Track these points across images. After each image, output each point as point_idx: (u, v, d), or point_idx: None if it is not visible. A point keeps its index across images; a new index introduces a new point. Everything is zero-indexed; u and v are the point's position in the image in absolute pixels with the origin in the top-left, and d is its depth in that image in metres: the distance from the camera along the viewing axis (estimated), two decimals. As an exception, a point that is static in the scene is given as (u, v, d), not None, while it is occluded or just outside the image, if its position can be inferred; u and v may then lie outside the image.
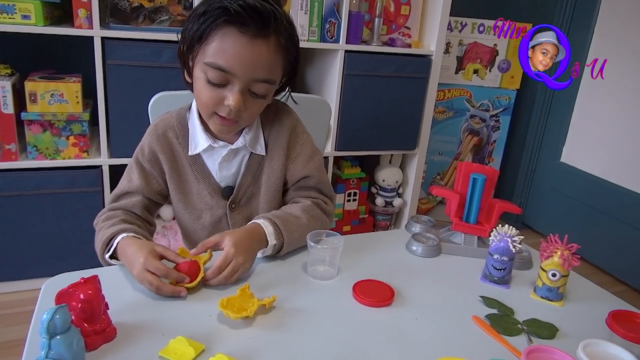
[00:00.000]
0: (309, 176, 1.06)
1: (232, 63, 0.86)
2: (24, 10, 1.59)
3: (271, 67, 0.90)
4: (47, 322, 0.61)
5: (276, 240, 0.93)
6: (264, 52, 0.87)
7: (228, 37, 0.85)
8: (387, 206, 2.43)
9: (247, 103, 0.91)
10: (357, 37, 2.03)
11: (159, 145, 1.00)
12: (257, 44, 0.86)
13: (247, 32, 0.84)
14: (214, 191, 1.03)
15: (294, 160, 1.05)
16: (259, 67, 0.88)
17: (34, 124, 1.68)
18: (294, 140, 1.06)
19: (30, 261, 1.81)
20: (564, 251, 0.87)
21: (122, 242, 0.88)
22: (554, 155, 2.63)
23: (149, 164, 1.01)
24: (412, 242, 1.05)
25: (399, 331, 0.79)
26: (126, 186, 1.01)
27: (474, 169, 1.06)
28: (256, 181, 1.05)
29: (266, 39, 0.86)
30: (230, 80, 0.88)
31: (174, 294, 0.81)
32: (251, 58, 0.86)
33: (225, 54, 0.86)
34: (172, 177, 1.02)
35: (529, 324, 0.82)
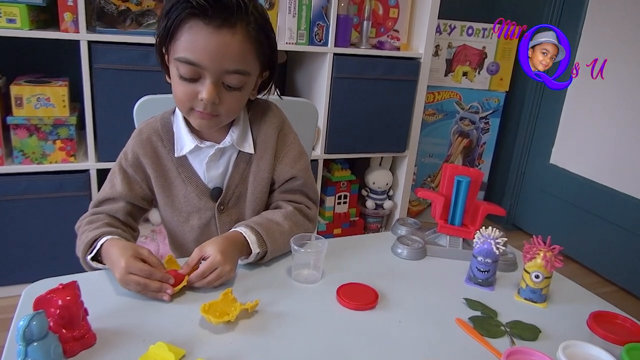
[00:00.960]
0: (296, 177, 1.05)
1: (199, 55, 0.85)
2: (9, 14, 1.58)
3: (241, 57, 0.88)
4: (24, 329, 0.60)
5: (259, 249, 0.92)
6: (231, 41, 0.85)
7: (193, 29, 0.85)
8: (377, 209, 2.43)
9: (222, 96, 0.90)
10: (345, 40, 2.03)
11: (143, 150, 1.00)
12: (223, 33, 0.84)
13: (211, 22, 0.84)
14: (202, 193, 1.03)
15: (281, 160, 1.05)
16: (227, 57, 0.86)
17: (20, 128, 1.67)
18: (282, 140, 1.05)
19: (16, 266, 1.80)
20: (546, 253, 0.87)
21: (106, 244, 0.87)
22: (544, 156, 2.65)
23: (132, 168, 1.00)
24: (398, 245, 1.05)
25: (383, 334, 0.79)
26: (109, 192, 1.00)
27: (459, 171, 1.06)
28: (244, 181, 1.04)
29: (232, 28, 0.85)
30: (201, 74, 0.87)
31: (160, 290, 0.81)
32: (217, 48, 0.85)
33: (192, 47, 0.85)
34: (157, 181, 1.01)
35: (512, 326, 0.82)
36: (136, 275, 0.80)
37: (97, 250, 0.89)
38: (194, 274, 0.84)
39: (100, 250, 0.88)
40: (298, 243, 0.90)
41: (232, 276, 0.89)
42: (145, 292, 0.81)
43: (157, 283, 0.81)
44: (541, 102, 2.65)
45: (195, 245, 0.90)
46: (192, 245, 1.02)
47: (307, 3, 1.93)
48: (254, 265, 0.95)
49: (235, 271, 0.89)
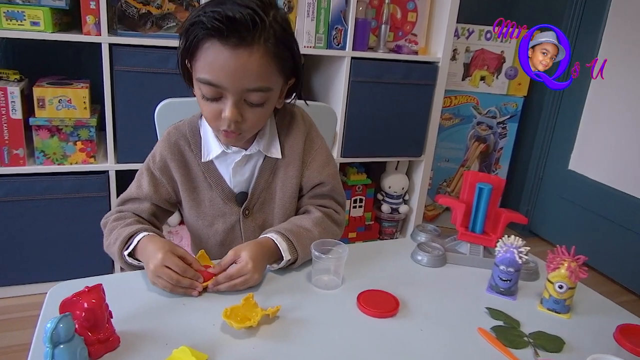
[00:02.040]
0: (324, 182, 1.05)
1: (218, 76, 0.85)
2: (33, 16, 1.60)
3: (261, 74, 0.87)
4: (51, 331, 0.61)
5: (290, 256, 0.93)
6: (249, 60, 0.84)
7: (211, 50, 0.84)
8: (393, 213, 2.42)
9: (245, 114, 0.90)
10: (363, 43, 2.03)
11: (171, 154, 1.00)
12: (240, 53, 0.83)
13: (227, 42, 0.82)
14: (227, 198, 1.03)
15: (308, 166, 1.05)
16: (246, 76, 0.85)
17: (42, 129, 1.69)
18: (309, 145, 1.05)
19: (36, 266, 1.82)
20: (571, 263, 0.86)
21: (144, 240, 0.90)
22: (562, 162, 2.62)
23: (159, 171, 1.01)
24: (418, 252, 1.05)
25: (404, 342, 0.78)
26: (135, 192, 1.02)
27: (480, 178, 1.05)
28: (269, 186, 1.04)
29: (249, 47, 0.83)
30: (223, 94, 0.87)
31: (191, 286, 0.83)
32: (235, 68, 0.84)
33: (211, 68, 0.85)
34: (184, 185, 1.02)
35: (535, 337, 0.81)
36: (170, 269, 0.82)
37: (133, 247, 0.91)
38: (222, 275, 0.86)
39: (137, 247, 0.91)
40: (319, 249, 0.90)
41: (258, 283, 0.89)
42: (175, 288, 0.83)
43: (188, 280, 0.83)
44: (560, 107, 2.62)
45: (219, 249, 0.91)
46: (216, 248, 1.03)
47: (325, 7, 1.93)
48: (275, 270, 0.95)
49: (259, 281, 0.89)
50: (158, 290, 0.86)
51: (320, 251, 0.90)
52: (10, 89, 1.62)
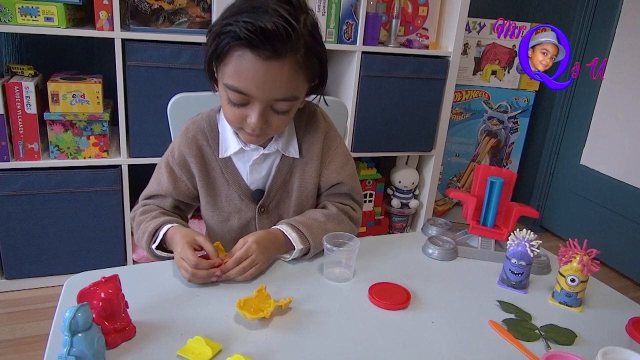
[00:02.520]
0: (343, 182, 1.06)
1: (248, 85, 0.85)
2: (47, 12, 1.62)
3: (290, 85, 0.87)
4: (70, 320, 0.62)
5: (302, 245, 0.94)
6: (280, 72, 0.84)
7: (242, 59, 0.83)
8: (403, 208, 2.42)
9: (270, 119, 0.90)
10: (374, 38, 2.02)
11: (189, 149, 1.01)
12: (272, 65, 0.83)
13: (260, 53, 0.81)
14: (244, 194, 1.03)
15: (327, 165, 1.05)
16: (276, 87, 0.86)
17: (56, 124, 1.72)
18: (328, 145, 1.05)
19: (51, 258, 1.85)
20: (583, 256, 0.86)
21: (170, 232, 0.93)
22: (574, 157, 2.60)
23: (178, 167, 1.02)
24: (429, 245, 1.05)
25: (415, 335, 0.79)
26: (155, 189, 1.03)
27: (492, 172, 1.05)
28: (286, 185, 1.04)
29: (281, 60, 0.83)
30: (250, 101, 0.87)
31: (206, 278, 0.85)
32: (265, 80, 0.84)
33: (241, 77, 0.84)
34: (201, 180, 1.02)
35: (547, 330, 0.81)
36: (185, 263, 0.85)
37: (160, 239, 0.94)
38: (231, 260, 0.87)
39: (165, 239, 0.94)
40: (331, 242, 0.91)
41: (263, 268, 0.91)
42: (193, 279, 0.85)
43: (204, 272, 0.85)
44: (572, 102, 2.60)
45: (233, 245, 0.91)
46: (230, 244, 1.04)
47: (336, 1, 1.93)
48: (288, 261, 0.96)
49: (267, 264, 0.92)
50: (173, 281, 0.87)
51: (332, 244, 0.91)
52: (25, 84, 1.64)
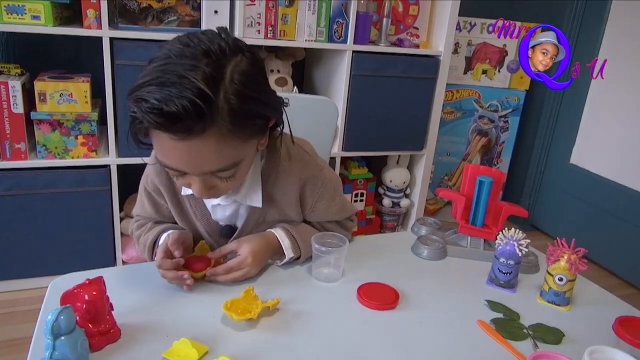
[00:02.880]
0: (335, 220, 1.03)
1: (176, 163, 0.76)
2: (34, 10, 1.60)
3: (222, 156, 0.76)
4: (52, 323, 0.61)
5: (293, 254, 0.93)
6: (204, 149, 0.73)
7: (160, 138, 0.73)
8: (394, 207, 2.42)
9: (217, 184, 0.81)
10: (365, 37, 2.02)
11: (158, 178, 0.95)
12: (193, 143, 0.71)
13: (174, 135, 0.70)
14: (212, 230, 0.98)
15: (314, 207, 0.98)
16: (206, 163, 0.76)
17: (44, 124, 1.70)
18: (310, 188, 0.96)
19: (38, 259, 1.83)
20: (571, 255, 0.86)
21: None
22: (564, 156, 2.61)
23: (154, 193, 0.98)
24: (418, 245, 1.05)
25: (404, 334, 0.78)
26: (141, 212, 1.02)
27: (481, 171, 1.05)
28: (261, 226, 0.98)
29: (199, 137, 0.71)
30: (186, 173, 0.79)
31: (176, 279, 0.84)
32: (189, 157, 0.74)
33: (166, 155, 0.76)
34: (173, 210, 0.98)
35: (534, 329, 0.81)
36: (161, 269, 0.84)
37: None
38: (221, 267, 0.86)
39: None
40: (319, 242, 0.90)
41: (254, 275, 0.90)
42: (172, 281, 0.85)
43: (171, 273, 0.83)
44: (562, 101, 2.61)
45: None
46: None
47: (326, 0, 1.92)
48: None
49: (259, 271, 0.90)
50: (158, 282, 0.86)
51: (321, 244, 0.90)
52: (12, 83, 1.62)
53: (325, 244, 0.91)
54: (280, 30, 1.90)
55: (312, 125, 1.11)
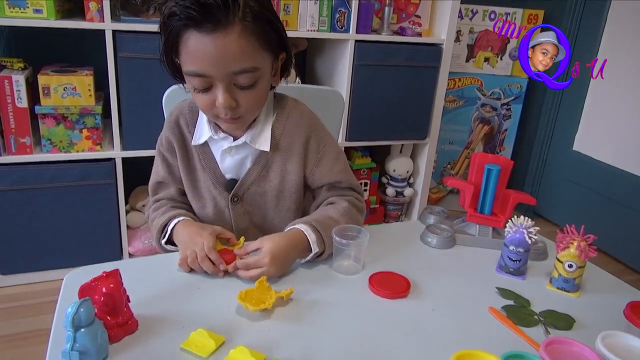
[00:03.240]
0: (339, 180, 1.04)
1: (203, 65, 0.83)
2: (36, 4, 1.59)
3: (244, 55, 0.83)
4: (72, 316, 0.62)
5: (318, 248, 0.92)
6: (228, 43, 0.81)
7: (190, 40, 0.82)
8: (398, 196, 2.43)
9: (239, 98, 0.88)
10: (367, 26, 2.01)
11: (172, 133, 1.02)
12: (217, 37, 0.80)
13: (203, 29, 0.80)
14: (218, 182, 1.02)
15: (318, 164, 1.02)
16: (229, 60, 0.83)
17: (48, 117, 1.70)
18: (314, 142, 1.02)
19: (46, 253, 1.84)
20: (580, 242, 0.87)
21: (178, 226, 0.96)
22: (567, 143, 2.61)
23: (168, 153, 1.03)
24: (427, 234, 1.06)
25: (416, 323, 0.79)
26: (155, 177, 1.06)
27: (489, 159, 1.06)
28: (263, 178, 1.02)
29: (225, 30, 0.80)
30: (212, 82, 0.85)
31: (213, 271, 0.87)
32: (216, 54, 0.82)
33: (194, 59, 0.83)
34: (182, 164, 1.03)
35: (545, 315, 0.82)
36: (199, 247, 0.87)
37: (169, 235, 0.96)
38: (240, 262, 0.87)
39: (172, 234, 0.96)
40: (339, 234, 0.90)
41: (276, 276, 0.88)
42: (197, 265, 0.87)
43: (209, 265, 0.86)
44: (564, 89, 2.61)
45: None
46: None
47: (328, -11, 1.91)
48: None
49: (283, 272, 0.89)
50: (173, 274, 0.87)
51: (341, 237, 0.89)
52: (15, 78, 1.61)
53: (346, 237, 0.90)
54: (282, 21, 1.88)
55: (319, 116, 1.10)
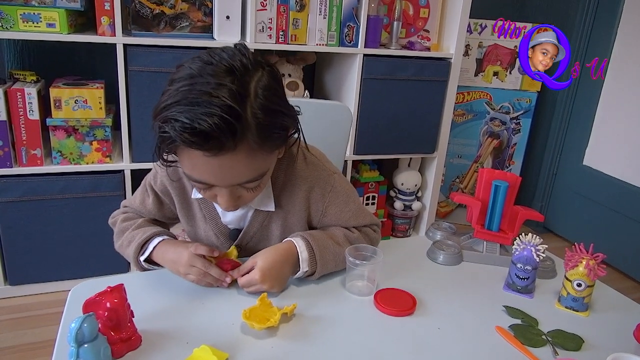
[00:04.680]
0: (350, 226, 1.00)
1: (207, 178, 0.78)
2: (49, 18, 1.62)
3: (250, 169, 0.79)
4: (76, 331, 0.62)
5: (308, 268, 0.90)
6: (236, 163, 0.76)
7: (192, 156, 0.75)
8: (406, 210, 2.41)
9: (242, 195, 0.83)
10: (375, 41, 2.02)
11: (168, 180, 0.96)
12: (224, 158, 0.74)
13: (206, 152, 0.72)
14: (220, 232, 0.99)
15: (325, 212, 0.97)
16: (234, 176, 0.78)
17: (59, 130, 1.72)
18: (319, 192, 0.96)
19: (54, 264, 1.85)
20: (589, 261, 0.86)
21: (162, 245, 0.92)
22: (577, 158, 2.59)
23: (161, 193, 0.99)
24: (433, 250, 1.05)
25: (422, 341, 0.78)
26: (139, 207, 1.01)
27: (496, 175, 1.05)
28: (266, 229, 0.99)
29: (231, 152, 0.73)
30: (214, 185, 0.81)
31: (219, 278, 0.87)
32: (222, 172, 0.77)
33: (197, 170, 0.78)
34: (181, 212, 1.00)
35: (553, 335, 0.81)
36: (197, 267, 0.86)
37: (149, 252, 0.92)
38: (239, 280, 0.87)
39: (153, 252, 0.92)
40: (353, 254, 0.88)
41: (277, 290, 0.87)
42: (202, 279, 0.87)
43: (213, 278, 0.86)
44: (574, 102, 2.60)
45: None
46: None
47: (337, 4, 1.93)
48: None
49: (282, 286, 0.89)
50: (178, 289, 0.87)
51: (355, 257, 0.88)
52: (28, 90, 1.64)
53: (359, 257, 0.89)
54: (291, 35, 1.90)
55: (326, 130, 1.11)
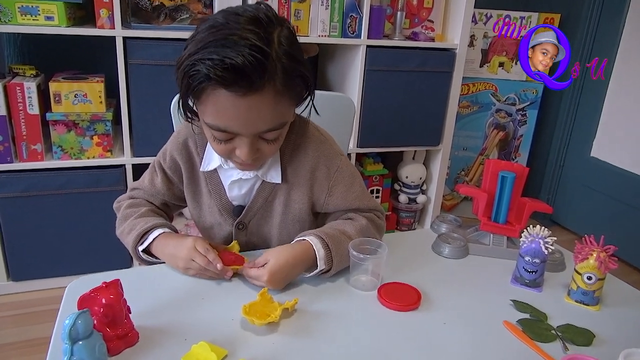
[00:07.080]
0: (355, 208, 0.98)
1: (232, 124, 0.79)
2: (48, 11, 1.60)
3: (275, 114, 0.80)
4: (69, 328, 0.60)
5: (325, 265, 0.87)
6: (262, 105, 0.77)
7: (219, 98, 0.76)
8: (410, 203, 2.39)
9: (261, 148, 0.84)
10: (379, 31, 1.99)
11: (179, 154, 0.98)
12: (252, 99, 0.75)
13: (236, 91, 0.74)
14: (224, 208, 0.99)
15: (330, 192, 0.96)
16: (261, 121, 0.79)
17: (59, 124, 1.70)
18: (324, 169, 0.96)
19: (56, 260, 1.84)
20: (600, 253, 0.83)
21: (162, 238, 0.91)
22: (584, 149, 2.55)
23: (170, 171, 1.00)
24: (439, 243, 1.02)
25: (427, 336, 0.76)
26: (148, 187, 1.01)
27: (503, 166, 1.02)
28: (268, 206, 0.98)
29: (260, 92, 0.75)
30: (236, 135, 0.81)
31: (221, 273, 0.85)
32: (248, 116, 0.77)
33: (222, 116, 0.78)
34: (188, 187, 1.00)
35: (563, 330, 0.78)
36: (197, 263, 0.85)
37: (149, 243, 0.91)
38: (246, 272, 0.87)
39: (152, 244, 0.91)
40: (357, 248, 0.86)
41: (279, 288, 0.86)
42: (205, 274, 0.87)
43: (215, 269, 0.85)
44: (581, 93, 2.56)
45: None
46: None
47: (340, -6, 1.90)
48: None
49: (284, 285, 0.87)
50: (176, 284, 0.85)
51: (359, 251, 0.86)
52: (27, 85, 1.62)
53: (364, 251, 0.86)
54: (294, 26, 1.87)
55: (329, 122, 1.08)
